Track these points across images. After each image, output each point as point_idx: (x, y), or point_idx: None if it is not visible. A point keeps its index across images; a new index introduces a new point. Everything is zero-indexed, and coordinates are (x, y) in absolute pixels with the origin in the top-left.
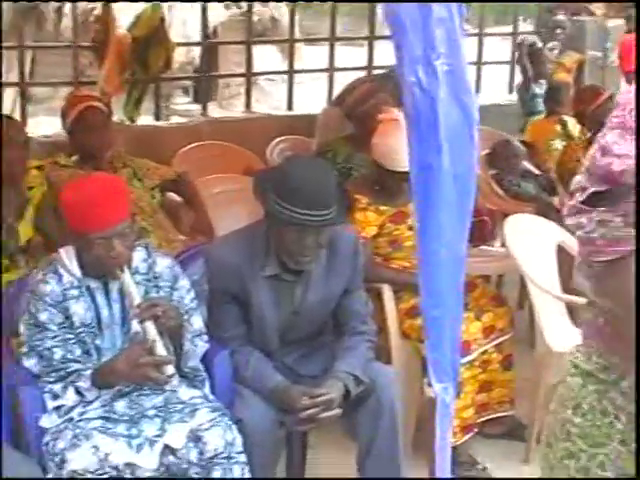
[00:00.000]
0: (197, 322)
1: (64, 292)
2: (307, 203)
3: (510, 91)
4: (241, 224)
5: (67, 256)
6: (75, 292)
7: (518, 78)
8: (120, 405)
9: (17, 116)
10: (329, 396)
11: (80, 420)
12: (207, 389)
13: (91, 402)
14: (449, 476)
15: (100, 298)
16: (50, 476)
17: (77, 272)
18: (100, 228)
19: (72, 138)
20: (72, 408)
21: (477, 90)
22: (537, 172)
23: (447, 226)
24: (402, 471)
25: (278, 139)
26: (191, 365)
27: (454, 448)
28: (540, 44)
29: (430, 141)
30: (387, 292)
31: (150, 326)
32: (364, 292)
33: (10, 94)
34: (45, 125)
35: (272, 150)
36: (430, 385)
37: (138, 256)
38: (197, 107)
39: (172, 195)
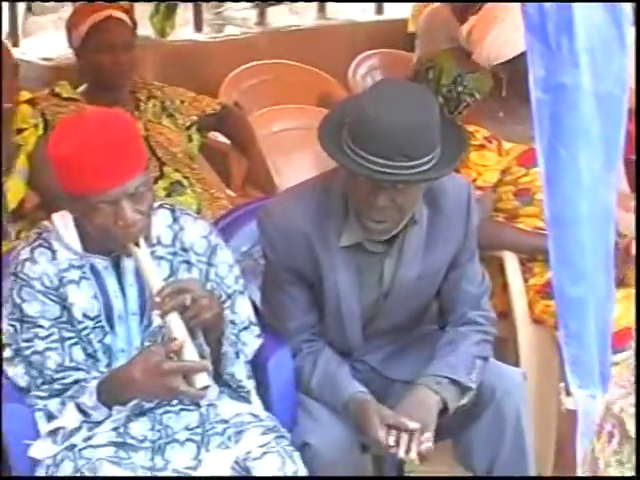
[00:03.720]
0: (244, 310)
1: (60, 274)
2: (386, 150)
3: None
4: (312, 174)
5: (63, 224)
6: (75, 274)
7: None
8: (139, 427)
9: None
10: (412, 426)
11: (85, 448)
12: (258, 402)
13: (99, 423)
14: None
15: (110, 282)
16: None
17: (77, 247)
18: (102, 188)
19: (81, 61)
20: (73, 432)
21: None
22: None
23: (588, 167)
24: None
25: (364, 54)
26: (236, 370)
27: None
28: None
29: (562, 51)
30: (512, 263)
31: (176, 320)
32: (479, 264)
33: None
34: (53, 43)
35: (356, 70)
36: (568, 392)
37: (160, 222)
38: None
39: (217, 136)
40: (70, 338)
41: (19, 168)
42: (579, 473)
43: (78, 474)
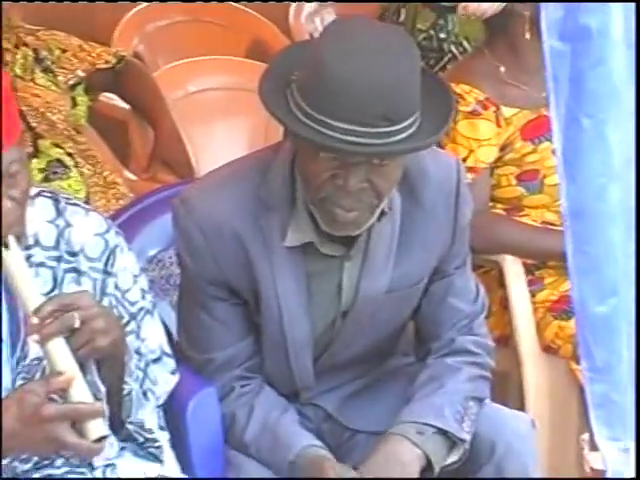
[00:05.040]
0: (154, 336)
1: None
2: (359, 114)
3: None
4: (243, 150)
5: None
6: None
7: None
8: None
9: None
10: None
11: None
12: (173, 461)
13: None
14: None
15: None
16: None
17: None
18: None
19: None
20: None
21: None
22: None
23: (618, 143)
24: None
25: None
26: (142, 417)
27: None
28: None
29: None
30: (515, 270)
31: (61, 348)
32: (472, 273)
33: None
34: None
35: (299, 10)
36: (593, 446)
37: (39, 215)
38: None
39: (112, 98)
40: None
41: None
42: None
43: None
